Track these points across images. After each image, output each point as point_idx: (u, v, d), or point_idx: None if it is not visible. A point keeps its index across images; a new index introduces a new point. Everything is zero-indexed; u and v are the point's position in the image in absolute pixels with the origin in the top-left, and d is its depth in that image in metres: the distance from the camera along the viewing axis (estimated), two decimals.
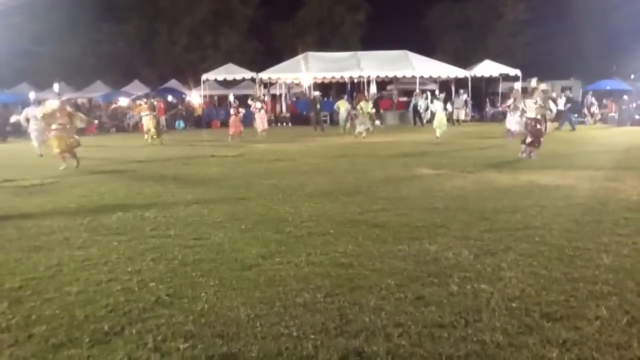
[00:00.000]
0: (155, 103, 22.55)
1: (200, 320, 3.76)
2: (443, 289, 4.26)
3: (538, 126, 12.87)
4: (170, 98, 37.51)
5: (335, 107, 27.47)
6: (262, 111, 24.04)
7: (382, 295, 4.14)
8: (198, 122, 32.70)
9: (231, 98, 23.92)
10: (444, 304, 3.95)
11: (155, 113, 21.71)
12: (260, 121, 23.49)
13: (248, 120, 27.22)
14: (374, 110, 20.93)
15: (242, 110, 21.79)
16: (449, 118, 26.86)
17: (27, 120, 18.23)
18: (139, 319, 3.80)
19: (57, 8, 37.51)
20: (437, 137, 19.34)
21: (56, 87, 16.07)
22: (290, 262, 5.01)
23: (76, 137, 13.48)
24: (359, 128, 20.49)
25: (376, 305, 3.95)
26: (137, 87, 38.90)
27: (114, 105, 34.22)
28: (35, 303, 4.14)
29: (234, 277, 4.64)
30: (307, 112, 29.69)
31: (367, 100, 21.21)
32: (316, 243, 5.64)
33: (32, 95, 19.32)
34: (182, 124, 32.43)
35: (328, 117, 32.32)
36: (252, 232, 6.19)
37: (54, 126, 13.08)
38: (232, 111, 21.71)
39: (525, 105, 13.23)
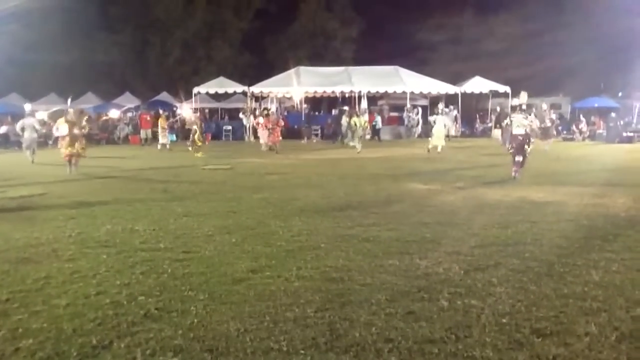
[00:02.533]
0: (197, 115, 23.16)
1: (190, 334, 3.73)
2: (433, 304, 4.26)
3: (525, 143, 12.42)
4: (161, 111, 37.43)
5: (343, 121, 27.64)
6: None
7: (373, 311, 4.14)
8: (189, 134, 32.62)
9: (273, 108, 24.24)
10: (434, 320, 3.95)
11: (201, 125, 22.13)
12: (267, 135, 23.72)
13: (238, 132, 27.31)
14: (366, 125, 21.01)
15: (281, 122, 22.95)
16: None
17: (22, 129, 18.63)
18: (127, 333, 3.76)
19: (52, 16, 37.44)
20: (439, 152, 19.47)
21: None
22: (281, 276, 5.00)
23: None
24: (358, 145, 20.53)
25: (366, 321, 3.94)
26: (128, 99, 38.87)
27: (104, 117, 34.10)
28: (22, 316, 4.09)
29: (224, 291, 4.62)
30: (331, 124, 30.28)
31: (358, 115, 21.30)
32: (306, 257, 5.63)
33: (27, 107, 20.27)
34: (174, 137, 32.34)
35: (319, 131, 32.46)
36: (242, 246, 6.17)
37: (74, 131, 14.27)
38: (267, 119, 22.26)
39: (511, 121, 12.76)
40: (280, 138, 22.58)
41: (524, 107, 13.10)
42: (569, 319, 3.93)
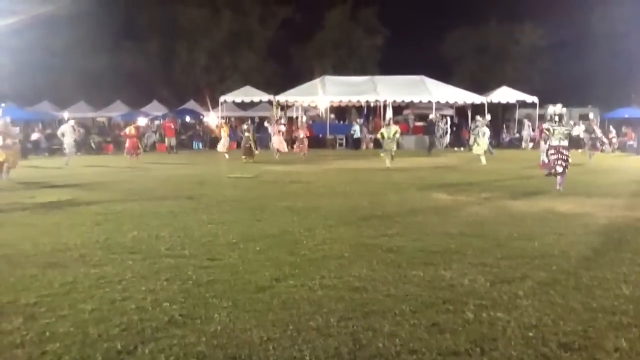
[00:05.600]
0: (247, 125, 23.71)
1: (213, 341, 3.75)
2: (458, 316, 4.21)
3: (566, 154, 12.08)
4: (188, 119, 37.89)
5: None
6: (281, 134, 24.75)
7: (396, 321, 4.10)
8: (215, 142, 32.93)
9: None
10: (459, 332, 3.90)
11: (252, 134, 22.69)
12: (280, 143, 23.92)
13: (264, 141, 27.55)
14: (398, 135, 19.99)
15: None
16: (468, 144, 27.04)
17: (63, 135, 20.95)
18: (152, 339, 3.79)
19: (78, 24, 38.07)
20: (484, 163, 18.98)
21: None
22: (304, 285, 4.99)
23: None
24: (387, 159, 18.80)
25: (390, 331, 3.90)
26: (155, 108, 39.38)
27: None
28: (49, 320, 4.16)
29: (248, 298, 4.63)
30: (425, 134, 29.99)
31: (387, 125, 20.57)
32: (330, 266, 5.62)
33: (65, 114, 22.27)
34: (199, 145, 32.71)
35: (344, 140, 32.46)
36: (266, 254, 6.19)
37: (7, 141, 14.99)
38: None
39: (553, 131, 12.27)
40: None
41: (564, 118, 12.63)
42: (597, 334, 3.85)
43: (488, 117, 22.40)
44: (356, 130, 31.26)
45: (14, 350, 3.65)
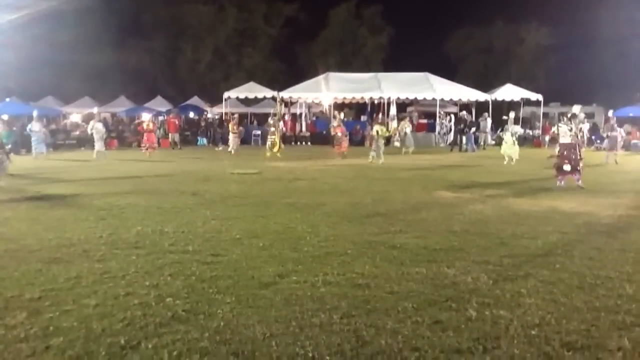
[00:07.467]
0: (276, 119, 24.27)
1: (216, 337, 3.76)
2: (461, 314, 4.22)
3: (574, 152, 12.20)
4: (192, 114, 37.95)
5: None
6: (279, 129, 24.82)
7: (399, 318, 4.11)
8: (219, 137, 32.96)
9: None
10: (461, 329, 3.90)
11: (279, 128, 23.36)
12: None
13: (264, 138, 27.56)
14: (394, 131, 19.97)
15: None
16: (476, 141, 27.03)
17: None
18: (155, 334, 3.81)
19: (84, 20, 38.09)
20: (512, 163, 18.68)
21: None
22: (307, 281, 5.00)
23: None
24: (373, 153, 19.30)
25: (393, 328, 3.91)
26: (160, 103, 39.44)
27: (137, 121, 34.67)
28: (53, 314, 4.18)
29: (251, 294, 4.64)
30: (454, 132, 29.70)
31: (381, 124, 20.58)
32: (333, 263, 5.63)
33: (95, 110, 22.93)
34: (204, 141, 32.74)
35: (349, 137, 32.43)
36: (269, 250, 6.20)
37: None
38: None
39: (558, 131, 12.60)
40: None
41: (569, 115, 12.69)
42: (600, 333, 3.85)
43: (512, 114, 21.99)
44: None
45: (18, 345, 3.67)
